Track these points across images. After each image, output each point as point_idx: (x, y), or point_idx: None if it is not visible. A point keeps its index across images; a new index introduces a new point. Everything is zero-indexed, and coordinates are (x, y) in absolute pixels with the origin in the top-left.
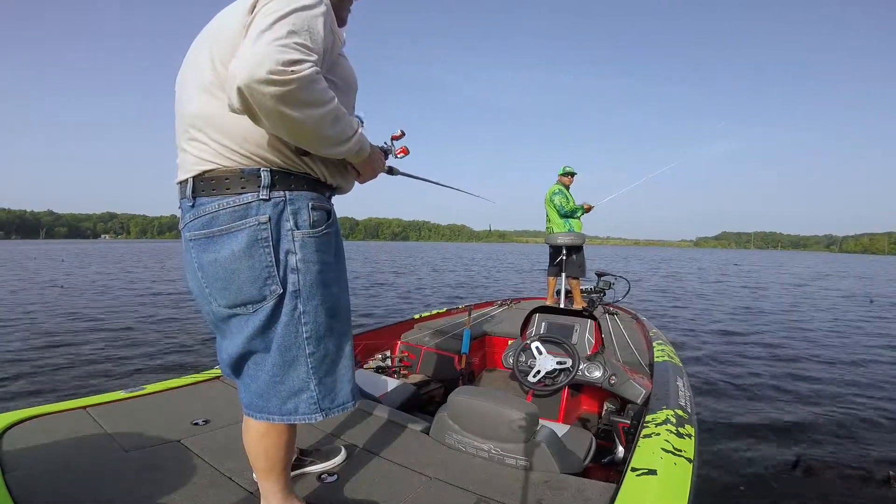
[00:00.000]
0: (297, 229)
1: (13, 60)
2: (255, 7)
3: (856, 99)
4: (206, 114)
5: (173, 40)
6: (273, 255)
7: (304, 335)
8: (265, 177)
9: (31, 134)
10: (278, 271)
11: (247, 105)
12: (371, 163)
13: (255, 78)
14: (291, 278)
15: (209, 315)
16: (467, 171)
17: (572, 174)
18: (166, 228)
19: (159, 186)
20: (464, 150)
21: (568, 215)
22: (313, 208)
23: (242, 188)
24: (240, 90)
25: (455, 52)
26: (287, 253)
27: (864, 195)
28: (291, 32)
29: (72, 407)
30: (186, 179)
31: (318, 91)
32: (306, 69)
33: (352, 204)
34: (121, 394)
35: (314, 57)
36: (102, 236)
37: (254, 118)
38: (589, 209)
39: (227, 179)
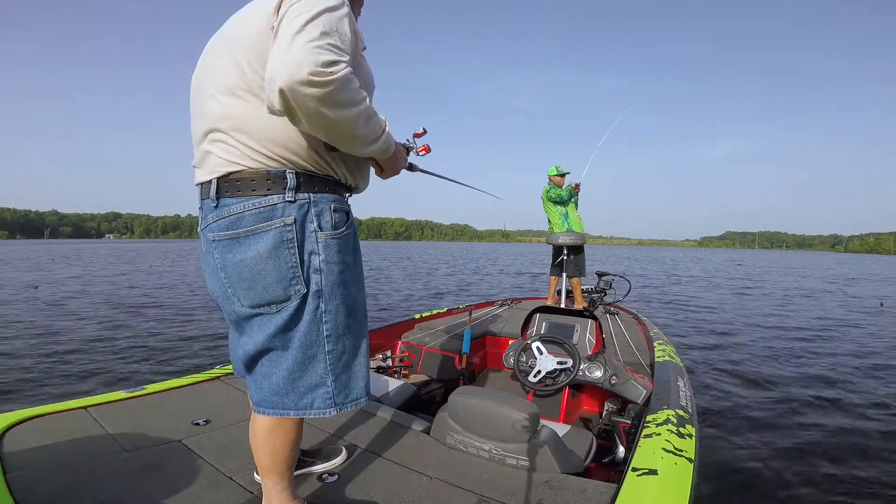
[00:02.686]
0: (321, 231)
1: (13, 59)
2: (279, 8)
3: (861, 98)
4: (232, 115)
5: (175, 40)
6: (298, 255)
7: (325, 333)
8: (291, 179)
9: (34, 134)
10: (302, 272)
11: (288, 106)
12: (395, 159)
13: (296, 80)
14: (315, 278)
15: (230, 315)
16: (470, 170)
17: (563, 174)
18: (170, 228)
19: (163, 187)
20: (465, 150)
21: (564, 201)
22: (335, 210)
23: (268, 190)
24: (282, 92)
25: (460, 53)
26: (311, 254)
27: (870, 195)
28: (324, 34)
29: (72, 407)
30: (210, 180)
31: (353, 91)
32: (342, 70)
33: (354, 203)
34: (121, 394)
35: (346, 57)
36: (107, 236)
37: (293, 119)
38: (577, 188)
39: (252, 181)
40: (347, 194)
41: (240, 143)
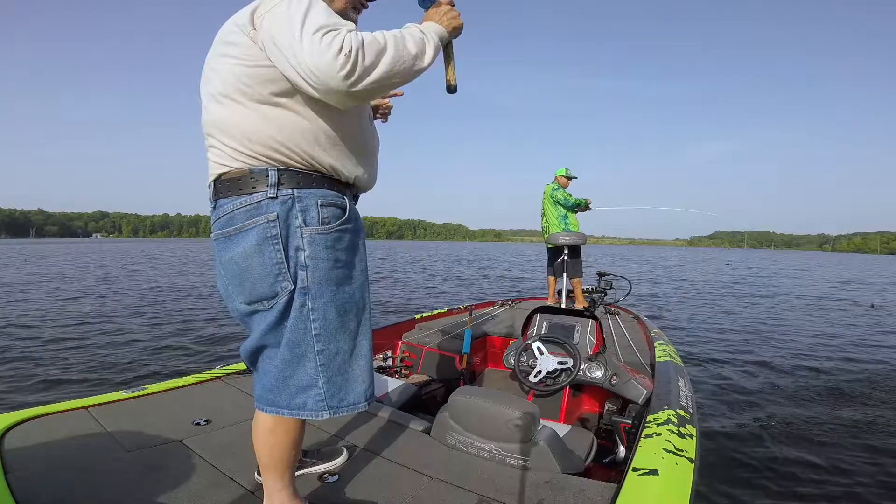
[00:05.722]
0: (306, 226)
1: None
2: (253, 15)
3: (849, 99)
4: (215, 120)
5: (169, 41)
6: (283, 252)
7: (313, 332)
8: (272, 175)
9: (20, 131)
10: (289, 268)
11: (366, 98)
12: (444, 22)
13: (340, 89)
14: (301, 275)
15: (233, 312)
16: (464, 169)
17: (570, 178)
18: (158, 228)
19: (152, 186)
20: (461, 149)
21: (572, 208)
22: (322, 205)
23: (253, 188)
24: (346, 99)
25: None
26: (297, 250)
27: (857, 195)
28: (319, 28)
29: (73, 407)
30: (210, 183)
31: (370, 44)
32: (348, 41)
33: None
34: (122, 394)
35: (343, 24)
36: (94, 235)
37: (377, 95)
38: (588, 206)
39: (239, 180)
40: (346, 190)
41: (225, 146)
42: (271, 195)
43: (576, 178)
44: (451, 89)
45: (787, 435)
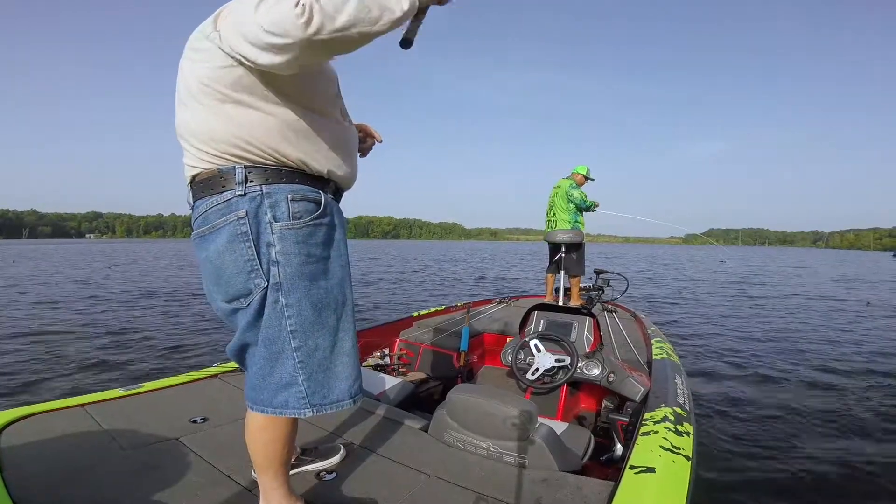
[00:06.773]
0: (276, 222)
1: None
2: (216, 18)
3: (845, 98)
4: (184, 123)
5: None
6: (254, 248)
7: (289, 328)
8: (239, 173)
9: (12, 132)
10: (261, 264)
11: (333, 50)
12: None
13: (302, 38)
14: (273, 271)
15: (218, 311)
16: (462, 168)
17: (588, 178)
18: (152, 228)
19: (146, 186)
20: (457, 149)
21: (587, 209)
22: (293, 200)
23: (223, 187)
24: (310, 54)
25: (451, 53)
26: (268, 246)
27: (849, 192)
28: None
29: (70, 405)
30: (187, 185)
31: None
32: None
33: (342, 202)
34: (119, 392)
35: None
36: (87, 236)
37: (340, 49)
38: (594, 209)
39: (210, 180)
40: (323, 185)
41: (193, 147)
42: (240, 192)
43: (593, 179)
44: (407, 44)
45: (784, 432)
